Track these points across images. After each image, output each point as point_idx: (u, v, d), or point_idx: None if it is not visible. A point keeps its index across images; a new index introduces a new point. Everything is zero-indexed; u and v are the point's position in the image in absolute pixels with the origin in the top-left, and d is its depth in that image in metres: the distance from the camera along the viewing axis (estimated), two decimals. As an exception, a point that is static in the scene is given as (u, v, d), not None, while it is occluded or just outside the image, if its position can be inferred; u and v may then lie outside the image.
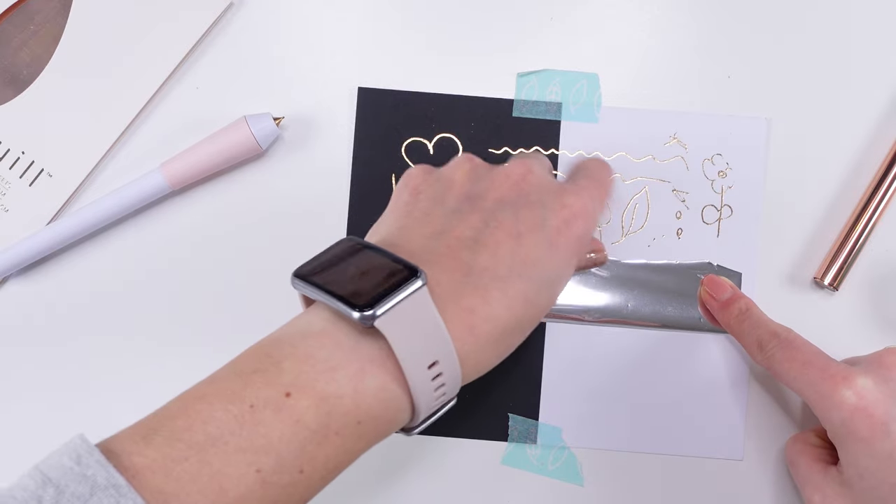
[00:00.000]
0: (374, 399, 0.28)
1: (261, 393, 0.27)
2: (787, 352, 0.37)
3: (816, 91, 0.44)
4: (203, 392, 0.29)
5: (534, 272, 0.32)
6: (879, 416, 0.34)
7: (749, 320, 0.40)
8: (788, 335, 0.38)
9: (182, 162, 0.42)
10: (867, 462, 0.34)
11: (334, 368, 0.28)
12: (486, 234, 0.32)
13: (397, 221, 0.34)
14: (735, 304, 0.40)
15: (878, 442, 0.34)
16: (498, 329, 0.31)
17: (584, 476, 0.43)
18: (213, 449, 0.26)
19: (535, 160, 0.35)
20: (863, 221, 0.42)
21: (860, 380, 0.34)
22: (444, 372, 0.29)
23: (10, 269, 0.42)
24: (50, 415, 0.43)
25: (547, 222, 0.32)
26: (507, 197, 0.33)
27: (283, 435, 0.27)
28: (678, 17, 0.44)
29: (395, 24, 0.44)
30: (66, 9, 0.44)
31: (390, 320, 0.28)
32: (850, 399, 0.34)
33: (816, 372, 0.36)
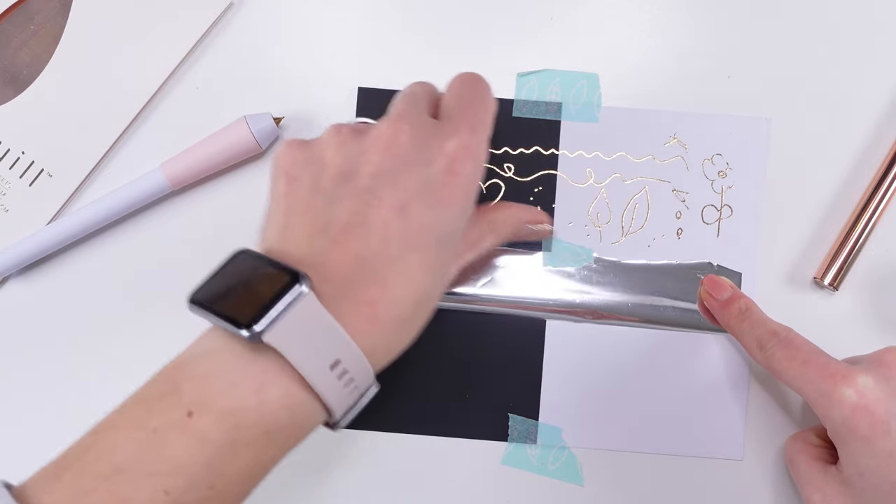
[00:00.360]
0: (280, 407, 0.28)
1: (164, 416, 0.28)
2: (787, 350, 0.37)
3: (816, 91, 0.44)
4: (112, 422, 0.29)
5: (428, 238, 0.31)
6: (880, 415, 0.34)
7: (749, 319, 0.39)
8: (788, 334, 0.38)
9: (182, 161, 0.42)
10: (868, 460, 0.34)
11: (234, 384, 0.28)
12: (370, 216, 0.31)
13: (281, 219, 0.33)
14: (735, 304, 0.40)
15: (878, 440, 0.33)
16: (406, 309, 0.31)
17: (584, 476, 0.43)
18: (121, 476, 0.27)
19: (404, 111, 0.34)
20: (863, 221, 0.42)
21: (861, 378, 0.34)
22: (349, 369, 0.29)
23: (10, 268, 0.42)
24: (50, 414, 0.43)
25: (430, 180, 0.32)
26: (382, 167, 0.32)
27: (188, 454, 0.27)
28: (678, 17, 0.44)
29: (395, 24, 0.44)
30: (66, 9, 0.44)
31: (279, 333, 0.28)
32: (851, 397, 0.34)
33: (816, 370, 0.36)
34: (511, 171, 0.43)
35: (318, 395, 0.29)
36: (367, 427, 0.43)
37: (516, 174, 0.43)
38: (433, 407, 0.43)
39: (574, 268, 0.43)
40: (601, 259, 0.43)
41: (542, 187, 0.43)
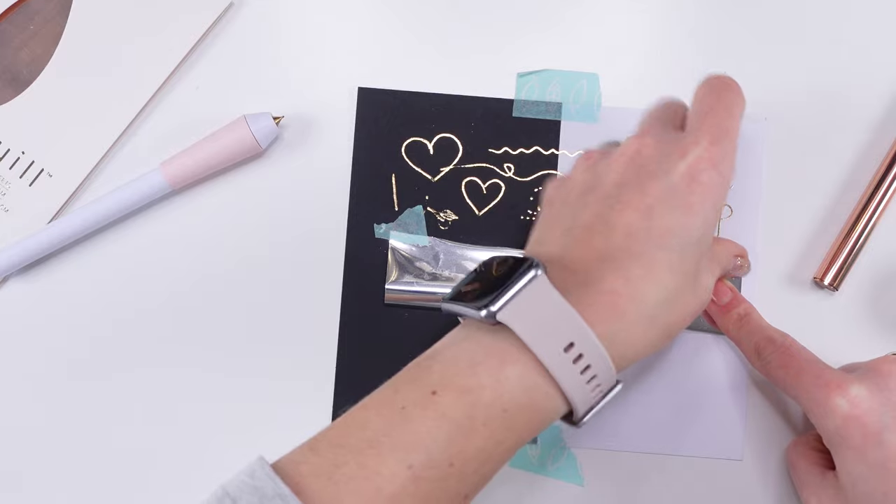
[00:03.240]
0: (517, 387, 0.30)
1: (410, 395, 0.30)
2: (783, 358, 0.37)
3: (816, 91, 0.44)
4: (364, 403, 0.31)
5: (673, 240, 0.32)
6: (872, 425, 0.34)
7: (747, 325, 0.40)
8: (785, 341, 0.38)
9: (181, 161, 0.42)
10: (860, 470, 0.34)
11: (476, 364, 0.30)
12: (612, 218, 0.32)
13: (536, 234, 0.36)
14: (734, 309, 0.40)
15: (870, 450, 0.33)
16: (649, 304, 0.31)
17: (584, 476, 0.43)
18: (370, 451, 0.29)
19: (649, 126, 0.36)
20: (863, 221, 0.42)
21: (854, 388, 0.34)
22: (584, 353, 0.30)
23: (10, 268, 0.42)
24: (50, 414, 0.43)
25: (674, 187, 0.32)
26: (626, 177, 0.34)
27: (429, 430, 0.29)
28: (678, 17, 0.44)
29: (395, 24, 0.44)
30: (66, 9, 0.44)
31: (511, 312, 0.30)
32: (843, 407, 0.34)
33: (811, 379, 0.36)
34: (511, 171, 0.43)
35: (553, 378, 0.30)
36: (367, 427, 0.43)
37: (516, 174, 0.43)
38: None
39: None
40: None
41: (542, 187, 0.43)
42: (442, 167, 0.44)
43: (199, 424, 0.43)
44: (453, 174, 0.43)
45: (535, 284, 0.30)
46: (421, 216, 0.43)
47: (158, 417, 0.43)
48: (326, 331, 0.43)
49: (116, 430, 0.43)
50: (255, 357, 0.43)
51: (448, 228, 0.43)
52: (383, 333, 0.43)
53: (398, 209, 0.43)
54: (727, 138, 0.34)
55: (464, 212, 0.43)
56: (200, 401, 0.43)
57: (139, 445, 0.43)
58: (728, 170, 0.34)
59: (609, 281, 0.31)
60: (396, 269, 0.43)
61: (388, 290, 0.43)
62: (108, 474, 0.43)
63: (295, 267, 0.43)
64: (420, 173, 0.43)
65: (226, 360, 0.43)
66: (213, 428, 0.43)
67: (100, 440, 0.43)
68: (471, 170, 0.44)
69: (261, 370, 0.43)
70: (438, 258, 0.43)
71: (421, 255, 0.43)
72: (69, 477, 0.43)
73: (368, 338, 0.43)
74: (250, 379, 0.43)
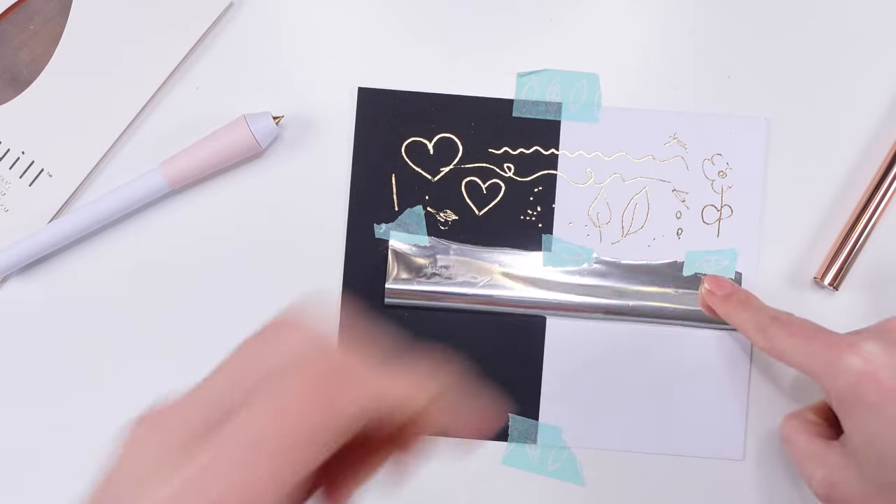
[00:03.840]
0: None
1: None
2: (790, 329, 0.37)
3: (816, 91, 0.44)
4: None
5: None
6: (887, 381, 0.33)
7: (749, 308, 0.39)
8: (790, 317, 0.38)
9: (181, 161, 0.42)
10: (877, 427, 0.33)
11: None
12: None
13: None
14: (735, 296, 0.40)
15: (887, 406, 0.33)
16: None
17: (584, 476, 0.43)
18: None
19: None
20: (863, 221, 0.42)
21: (866, 345, 0.34)
22: None
23: (10, 267, 0.42)
24: (50, 413, 0.43)
25: None
26: None
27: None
28: (678, 16, 0.44)
29: (395, 24, 0.44)
30: (66, 9, 0.44)
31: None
32: (857, 364, 0.33)
33: (821, 343, 0.35)
34: (511, 171, 0.43)
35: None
36: (367, 427, 0.43)
37: (516, 174, 0.43)
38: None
39: (574, 268, 0.43)
40: (601, 259, 0.43)
41: (542, 187, 0.43)
42: (442, 167, 0.44)
43: (199, 424, 0.43)
44: (453, 174, 0.43)
45: None
46: (421, 216, 0.43)
47: (158, 417, 0.43)
48: (326, 331, 0.43)
49: (116, 429, 0.43)
50: (255, 357, 0.43)
51: (448, 228, 0.43)
52: (383, 333, 0.43)
53: (398, 209, 0.43)
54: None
55: (464, 212, 0.43)
56: (200, 401, 0.43)
57: (139, 445, 0.43)
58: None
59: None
60: (396, 268, 0.43)
61: (389, 290, 0.43)
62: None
63: (295, 267, 0.43)
64: (420, 173, 0.43)
65: (225, 356, 0.43)
66: (213, 428, 0.43)
67: (100, 440, 0.43)
68: (471, 170, 0.44)
69: (261, 370, 0.43)
70: (438, 258, 0.43)
71: (421, 254, 0.43)
72: (69, 477, 0.43)
73: (368, 338, 0.43)
74: (250, 379, 0.43)
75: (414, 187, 0.43)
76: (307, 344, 0.25)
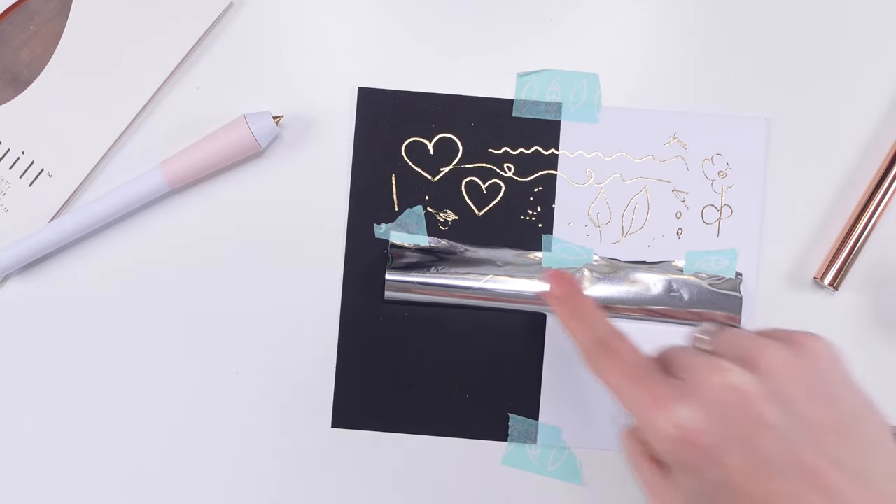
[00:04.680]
0: None
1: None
2: (613, 363, 0.34)
3: (816, 91, 0.44)
4: None
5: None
6: (705, 443, 0.30)
7: (581, 322, 0.36)
8: (617, 344, 0.34)
9: (181, 160, 0.42)
10: (699, 488, 0.31)
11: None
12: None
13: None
14: (569, 303, 0.37)
15: (706, 471, 0.31)
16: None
17: (584, 476, 0.43)
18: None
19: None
20: (863, 221, 0.42)
21: (680, 410, 0.31)
22: None
23: (10, 267, 0.42)
24: (50, 412, 0.43)
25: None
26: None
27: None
28: (678, 16, 0.44)
29: (395, 24, 0.44)
30: (66, 9, 0.44)
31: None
32: (671, 431, 0.31)
33: (641, 392, 0.32)
34: (511, 171, 0.43)
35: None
36: (368, 427, 0.43)
37: (516, 174, 0.43)
38: (433, 407, 0.43)
39: (574, 267, 0.43)
40: (601, 259, 0.43)
41: (542, 187, 0.43)
42: (442, 167, 0.44)
43: (198, 423, 0.43)
44: (453, 174, 0.43)
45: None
46: (421, 216, 0.43)
47: (157, 416, 0.43)
48: (326, 330, 0.43)
49: (116, 429, 0.43)
50: (255, 357, 0.43)
51: (448, 228, 0.43)
52: (383, 333, 0.43)
53: (398, 209, 0.43)
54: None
55: (464, 212, 0.43)
56: (200, 400, 0.43)
57: (139, 444, 0.43)
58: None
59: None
60: (395, 261, 0.43)
61: (389, 282, 0.42)
62: (109, 473, 0.43)
63: (295, 267, 0.43)
64: (420, 173, 0.44)
65: (225, 360, 0.43)
66: (212, 427, 0.43)
67: (100, 439, 0.43)
68: (471, 170, 0.44)
69: (260, 370, 0.43)
70: (438, 258, 0.43)
71: (421, 253, 0.43)
72: (70, 476, 0.43)
73: (368, 337, 0.43)
74: (250, 379, 0.43)
75: (414, 187, 0.43)
76: None
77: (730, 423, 0.30)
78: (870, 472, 0.30)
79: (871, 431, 0.31)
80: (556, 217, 0.43)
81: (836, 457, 0.30)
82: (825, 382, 0.31)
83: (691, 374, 0.32)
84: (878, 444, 0.31)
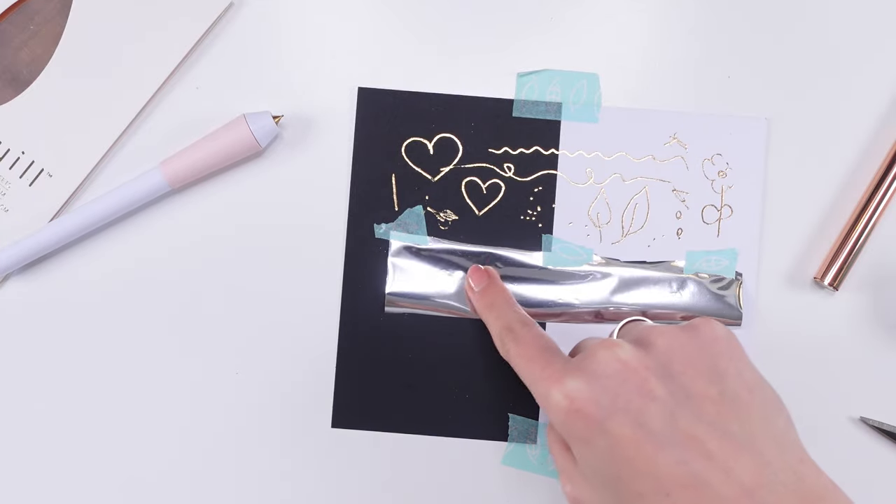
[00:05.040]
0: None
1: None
2: (517, 347, 0.37)
3: (816, 91, 0.44)
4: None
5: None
6: (594, 414, 0.32)
7: (495, 310, 0.40)
8: (521, 330, 0.38)
9: (180, 160, 0.42)
10: (593, 460, 0.33)
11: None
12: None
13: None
14: (486, 295, 0.41)
15: (597, 439, 0.32)
16: None
17: (584, 476, 0.43)
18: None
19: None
20: (863, 221, 0.42)
21: (570, 381, 0.33)
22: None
23: (10, 266, 0.42)
24: (50, 412, 0.43)
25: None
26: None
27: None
28: (678, 16, 0.44)
29: (395, 24, 0.44)
30: (66, 9, 0.44)
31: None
32: (562, 402, 0.33)
33: (537, 370, 0.35)
34: (511, 171, 0.43)
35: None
36: (368, 427, 0.43)
37: (516, 174, 0.43)
38: (433, 407, 0.43)
39: (574, 268, 0.43)
40: (601, 259, 0.43)
41: (542, 187, 0.43)
42: (442, 167, 0.44)
43: (198, 423, 0.43)
44: (453, 174, 0.43)
45: None
46: (421, 216, 0.43)
47: (157, 416, 0.43)
48: (326, 331, 0.43)
49: (116, 429, 0.43)
50: (254, 357, 0.43)
51: (448, 228, 0.43)
52: (383, 333, 0.43)
53: (398, 209, 0.43)
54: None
55: (464, 212, 0.43)
56: (200, 401, 0.43)
57: (139, 444, 0.43)
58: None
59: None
60: (395, 273, 0.43)
61: (389, 296, 0.43)
62: (109, 473, 0.43)
63: (295, 267, 0.43)
64: (420, 173, 0.44)
65: (225, 361, 0.43)
66: (212, 427, 0.43)
67: (100, 439, 0.43)
68: (471, 170, 0.44)
69: (260, 370, 0.43)
70: (438, 259, 0.43)
71: (420, 256, 0.43)
72: (70, 476, 0.43)
73: (368, 337, 0.43)
74: (249, 379, 0.43)
75: (414, 187, 0.43)
76: None
77: (616, 394, 0.32)
78: (752, 439, 0.31)
79: (759, 406, 0.33)
80: (556, 217, 0.43)
81: (717, 424, 0.31)
82: (715, 361, 0.33)
83: (586, 352, 0.34)
84: (765, 417, 0.32)
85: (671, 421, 0.31)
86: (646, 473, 0.31)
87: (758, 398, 0.33)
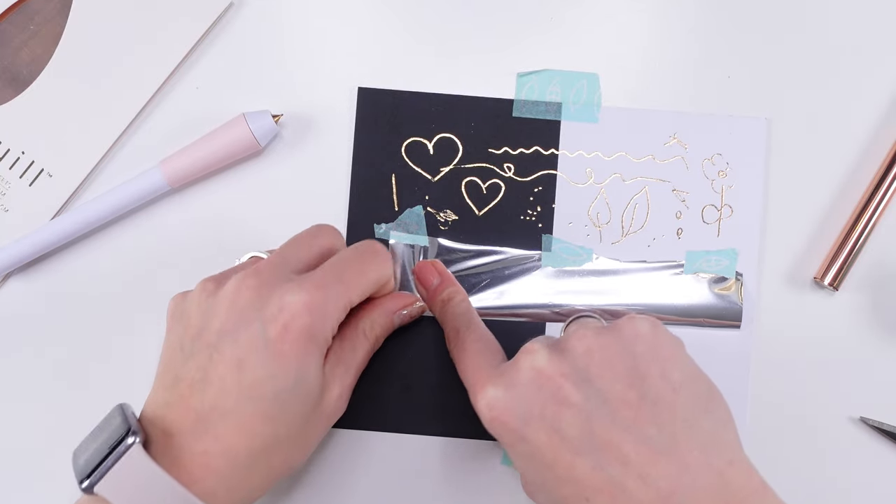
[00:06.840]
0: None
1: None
2: (456, 351, 0.38)
3: (816, 91, 0.44)
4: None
5: (265, 390, 0.33)
6: (512, 423, 0.33)
7: (446, 312, 0.40)
8: (464, 332, 0.38)
9: (180, 159, 0.42)
10: (519, 463, 0.34)
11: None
12: (210, 372, 0.33)
13: (157, 370, 0.36)
14: (438, 295, 0.41)
15: (518, 445, 0.33)
16: (240, 458, 0.33)
17: (584, 476, 0.42)
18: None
19: (264, 264, 0.35)
20: (863, 221, 0.42)
21: (490, 390, 0.34)
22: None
23: (10, 266, 0.42)
24: (50, 411, 0.43)
25: (266, 335, 0.33)
26: (226, 323, 0.34)
27: None
28: (678, 17, 0.44)
29: (395, 24, 0.44)
30: (66, 9, 0.44)
31: (109, 484, 0.31)
32: (483, 410, 0.34)
33: (469, 376, 0.36)
34: (511, 171, 0.43)
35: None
36: (367, 427, 0.43)
37: (516, 174, 0.43)
38: (433, 407, 0.43)
39: (574, 268, 0.43)
40: (601, 259, 0.43)
41: (542, 187, 0.43)
42: (442, 167, 0.44)
43: (198, 424, 0.43)
44: (453, 174, 0.44)
45: (130, 454, 0.31)
46: (421, 216, 0.43)
47: (158, 417, 0.43)
48: (326, 331, 0.43)
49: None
50: (254, 357, 0.43)
51: (448, 228, 0.43)
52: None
53: (398, 209, 0.43)
54: (337, 287, 0.35)
55: (464, 212, 0.43)
56: (200, 401, 0.43)
57: (139, 445, 0.43)
58: (327, 316, 0.34)
59: (202, 442, 0.32)
60: (395, 280, 0.43)
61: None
62: (108, 474, 0.43)
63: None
64: (420, 173, 0.44)
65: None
66: (212, 428, 0.43)
67: (99, 440, 0.43)
68: (471, 170, 0.44)
69: (261, 370, 0.43)
70: (438, 258, 0.43)
71: (420, 256, 0.43)
72: (70, 476, 0.43)
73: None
74: (250, 379, 0.43)
75: (414, 187, 0.43)
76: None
77: (531, 402, 0.33)
78: (672, 442, 0.31)
79: (683, 407, 0.32)
80: (556, 217, 0.43)
81: (633, 429, 0.31)
82: (636, 362, 0.33)
83: (514, 358, 0.34)
84: (690, 419, 0.32)
85: (587, 427, 0.32)
86: (566, 479, 0.32)
87: (683, 398, 0.32)
